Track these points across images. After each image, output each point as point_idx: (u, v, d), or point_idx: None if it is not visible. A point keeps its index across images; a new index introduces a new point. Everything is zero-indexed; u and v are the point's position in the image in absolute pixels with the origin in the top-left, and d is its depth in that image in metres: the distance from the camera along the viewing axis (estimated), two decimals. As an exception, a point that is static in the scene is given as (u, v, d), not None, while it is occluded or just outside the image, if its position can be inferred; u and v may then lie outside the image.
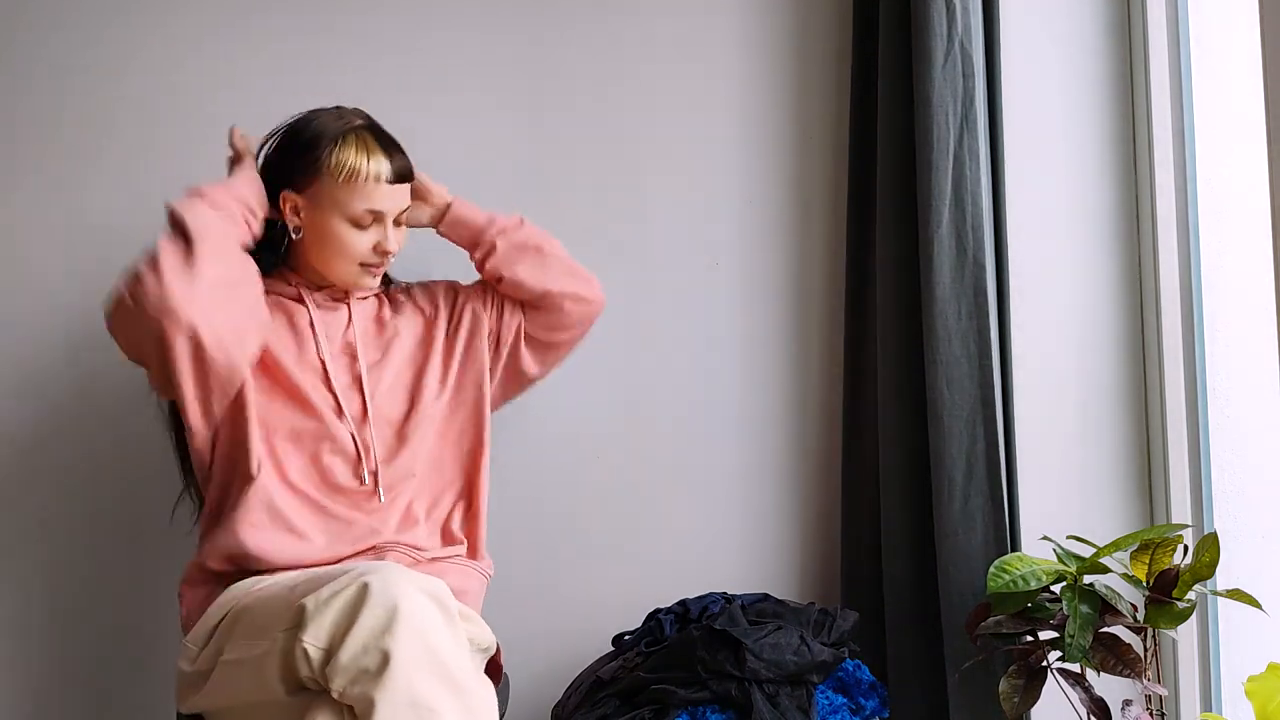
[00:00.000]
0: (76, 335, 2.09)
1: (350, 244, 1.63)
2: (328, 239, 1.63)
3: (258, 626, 1.41)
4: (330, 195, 1.61)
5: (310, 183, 1.62)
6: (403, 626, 1.30)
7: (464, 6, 2.13)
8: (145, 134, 2.10)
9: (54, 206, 2.09)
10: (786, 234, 2.10)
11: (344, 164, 1.60)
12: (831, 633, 1.71)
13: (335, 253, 1.63)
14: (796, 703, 1.61)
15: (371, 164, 1.61)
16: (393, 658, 1.28)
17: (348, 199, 1.61)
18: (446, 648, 1.33)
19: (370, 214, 1.62)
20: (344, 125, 1.63)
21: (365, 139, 1.63)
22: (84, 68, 2.11)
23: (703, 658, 1.61)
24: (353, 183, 1.60)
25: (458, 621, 1.38)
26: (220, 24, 2.12)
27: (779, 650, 1.62)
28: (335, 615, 1.32)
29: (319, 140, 1.62)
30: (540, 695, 1.86)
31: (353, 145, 1.61)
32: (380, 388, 1.67)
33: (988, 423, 1.78)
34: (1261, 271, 1.48)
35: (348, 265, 1.65)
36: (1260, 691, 1.30)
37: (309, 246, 1.65)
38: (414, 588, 1.34)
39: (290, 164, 1.64)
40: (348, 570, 1.38)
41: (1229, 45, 1.75)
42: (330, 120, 1.64)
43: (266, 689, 1.38)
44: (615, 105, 2.12)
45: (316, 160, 1.61)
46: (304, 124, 1.65)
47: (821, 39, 2.11)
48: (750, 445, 2.09)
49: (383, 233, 1.64)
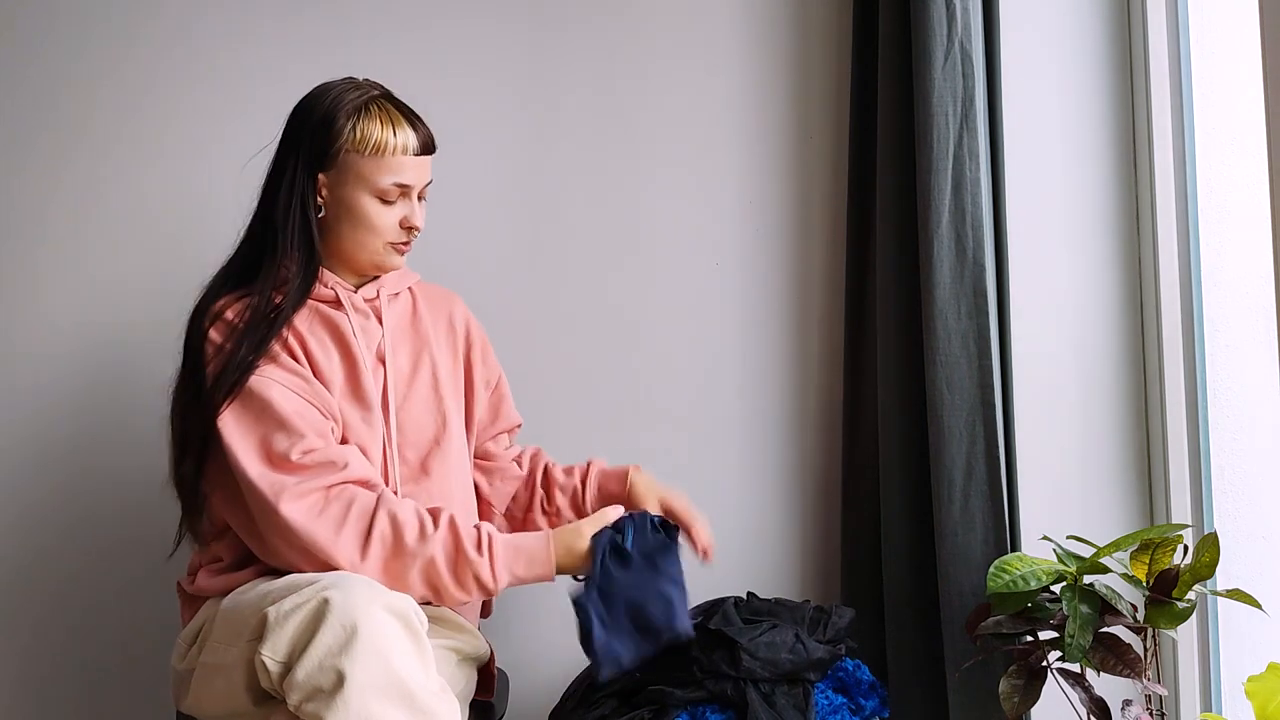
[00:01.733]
0: (78, 335, 2.09)
1: (378, 220, 1.57)
2: (355, 216, 1.56)
3: (231, 632, 1.40)
4: (356, 169, 1.54)
5: (332, 157, 1.55)
6: (360, 646, 1.27)
7: (463, 8, 2.13)
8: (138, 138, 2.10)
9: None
10: (786, 234, 2.11)
11: (370, 136, 1.54)
12: (827, 630, 1.70)
13: (364, 230, 1.57)
14: (793, 701, 1.60)
15: (399, 136, 1.56)
16: (347, 678, 1.26)
17: (374, 173, 1.55)
18: (408, 668, 1.29)
19: (398, 188, 1.57)
20: (364, 96, 1.57)
21: (388, 109, 1.57)
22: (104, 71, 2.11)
23: (698, 658, 1.61)
24: (380, 155, 1.54)
25: (424, 640, 1.34)
26: (211, 16, 2.12)
27: (774, 649, 1.62)
28: (294, 629, 1.29)
29: (338, 112, 1.54)
30: (540, 696, 1.86)
31: (376, 116, 1.55)
32: (409, 404, 1.62)
33: (988, 423, 1.78)
34: (1261, 272, 1.48)
35: (376, 243, 1.58)
36: (1260, 691, 1.30)
37: (334, 226, 1.58)
38: (378, 605, 1.30)
39: (309, 139, 1.55)
40: (315, 581, 1.34)
41: (1229, 45, 1.75)
42: (348, 91, 1.57)
43: (235, 697, 1.38)
44: (615, 105, 2.12)
45: (339, 132, 1.54)
46: (320, 96, 1.58)
47: (821, 39, 2.11)
48: (750, 445, 2.09)
49: (410, 207, 1.59)
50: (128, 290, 2.09)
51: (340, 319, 1.60)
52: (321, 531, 1.43)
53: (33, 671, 2.08)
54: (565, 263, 2.11)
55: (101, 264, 2.10)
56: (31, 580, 2.08)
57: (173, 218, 2.09)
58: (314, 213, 1.56)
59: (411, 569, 1.44)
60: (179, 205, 2.09)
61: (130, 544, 2.04)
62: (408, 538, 1.44)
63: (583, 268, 2.10)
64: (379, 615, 1.30)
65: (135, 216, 2.10)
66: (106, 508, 2.05)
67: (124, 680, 2.06)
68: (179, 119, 2.11)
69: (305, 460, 1.46)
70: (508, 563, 1.47)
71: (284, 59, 2.10)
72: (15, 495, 2.08)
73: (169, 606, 1.67)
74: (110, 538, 2.06)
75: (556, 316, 2.09)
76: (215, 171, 2.05)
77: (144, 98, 2.11)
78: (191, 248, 1.91)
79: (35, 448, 2.08)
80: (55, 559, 2.08)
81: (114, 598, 2.07)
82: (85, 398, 2.08)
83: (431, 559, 1.44)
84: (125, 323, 2.07)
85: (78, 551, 2.08)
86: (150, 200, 2.10)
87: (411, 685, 1.29)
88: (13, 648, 2.08)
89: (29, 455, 2.08)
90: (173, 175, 2.10)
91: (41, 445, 2.08)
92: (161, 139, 2.11)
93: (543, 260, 2.11)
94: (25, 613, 2.09)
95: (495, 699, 1.69)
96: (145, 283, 2.09)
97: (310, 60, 2.10)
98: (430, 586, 1.45)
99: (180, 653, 1.52)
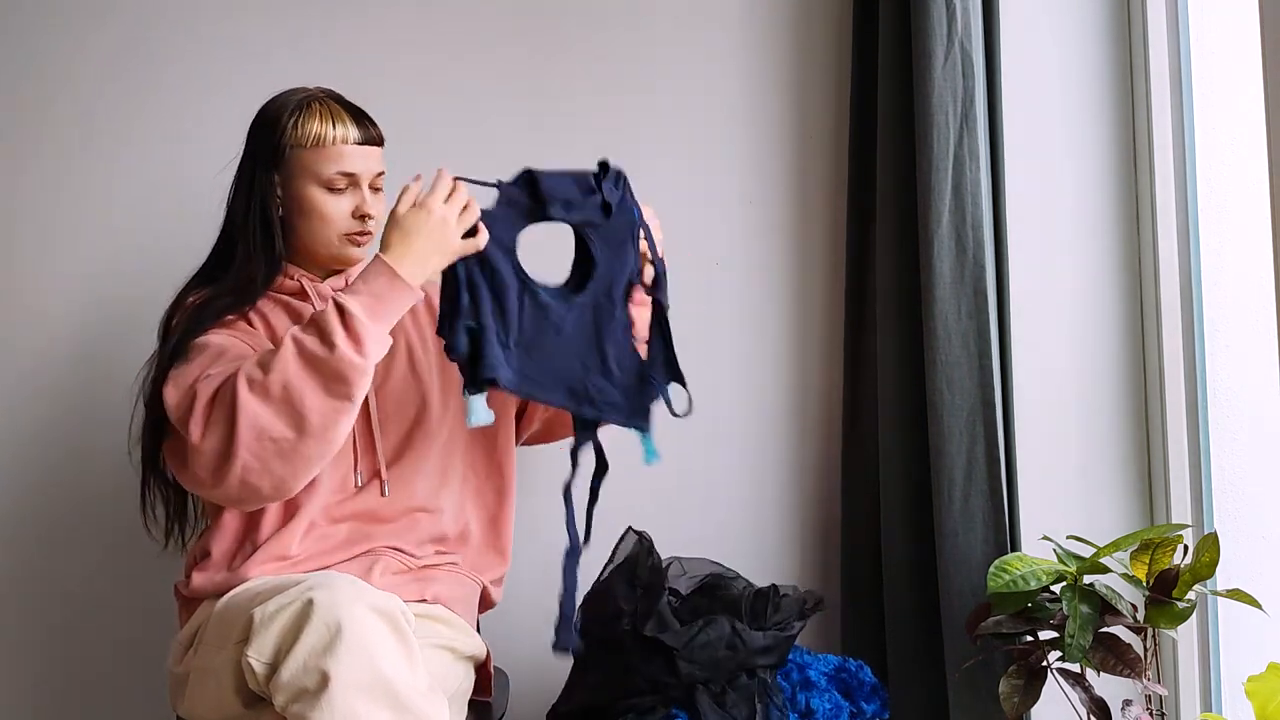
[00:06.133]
0: (79, 335, 2.09)
1: (328, 210, 1.61)
2: (306, 208, 1.61)
3: (221, 634, 1.40)
4: (300, 163, 1.61)
5: (280, 155, 1.61)
6: (344, 646, 1.27)
7: (462, 9, 2.13)
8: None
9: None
10: (786, 234, 2.10)
11: (309, 130, 1.60)
12: (770, 615, 1.67)
13: (317, 220, 1.62)
14: (746, 694, 1.58)
15: (338, 128, 1.61)
16: (332, 678, 1.26)
17: (317, 163, 1.60)
18: (393, 667, 1.29)
19: (343, 176, 1.61)
20: (306, 96, 1.64)
21: (328, 105, 1.63)
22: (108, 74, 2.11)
23: (640, 669, 1.59)
24: (321, 147, 1.60)
25: (410, 638, 1.34)
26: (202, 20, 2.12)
27: (710, 648, 1.59)
28: (279, 630, 1.29)
29: (281, 112, 1.62)
30: (540, 696, 1.86)
31: (317, 112, 1.62)
32: (388, 385, 1.65)
33: (988, 423, 1.78)
34: (1261, 271, 1.48)
35: (329, 233, 1.62)
36: (1260, 691, 1.31)
37: (291, 222, 1.63)
38: (363, 605, 1.30)
39: (261, 142, 1.63)
40: (300, 581, 1.35)
41: (1229, 45, 1.74)
42: (292, 93, 1.65)
43: (226, 700, 1.38)
44: (615, 105, 2.12)
45: (283, 131, 1.61)
46: (269, 103, 1.66)
47: (821, 39, 2.11)
48: (750, 445, 2.09)
49: (360, 196, 1.63)
50: (129, 291, 2.09)
51: (305, 309, 1.63)
52: (209, 443, 1.42)
53: (33, 672, 2.08)
54: (565, 262, 2.10)
55: (103, 265, 2.10)
56: (31, 581, 2.08)
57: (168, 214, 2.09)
58: (274, 212, 1.62)
59: (287, 418, 1.42)
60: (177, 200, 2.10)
61: (131, 544, 2.03)
62: (259, 387, 1.42)
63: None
64: (363, 614, 1.30)
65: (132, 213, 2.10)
66: (108, 507, 2.05)
67: (124, 683, 2.06)
68: (174, 122, 2.11)
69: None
70: (366, 326, 1.44)
71: (282, 60, 2.11)
72: (14, 495, 2.08)
73: (168, 609, 1.67)
74: (111, 538, 2.06)
75: (556, 316, 2.09)
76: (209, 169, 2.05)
77: (148, 97, 2.12)
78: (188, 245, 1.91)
79: (35, 447, 2.09)
80: (55, 559, 2.08)
81: (113, 600, 2.07)
82: (85, 398, 2.08)
83: (289, 392, 1.41)
84: (122, 319, 2.07)
85: (78, 552, 2.07)
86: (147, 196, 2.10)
87: (397, 684, 1.29)
88: (12, 648, 2.08)
89: (30, 455, 2.09)
90: (169, 170, 2.10)
91: (43, 444, 2.09)
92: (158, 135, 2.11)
93: (543, 260, 2.10)
94: (24, 613, 2.09)
95: (494, 698, 1.69)
96: (146, 283, 2.09)
97: (310, 61, 2.11)
98: (319, 408, 1.42)
99: (176, 656, 1.52)
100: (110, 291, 2.09)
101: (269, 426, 1.41)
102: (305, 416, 1.42)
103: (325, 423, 1.43)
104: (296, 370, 1.42)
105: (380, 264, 1.48)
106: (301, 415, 1.42)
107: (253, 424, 1.41)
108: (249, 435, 1.41)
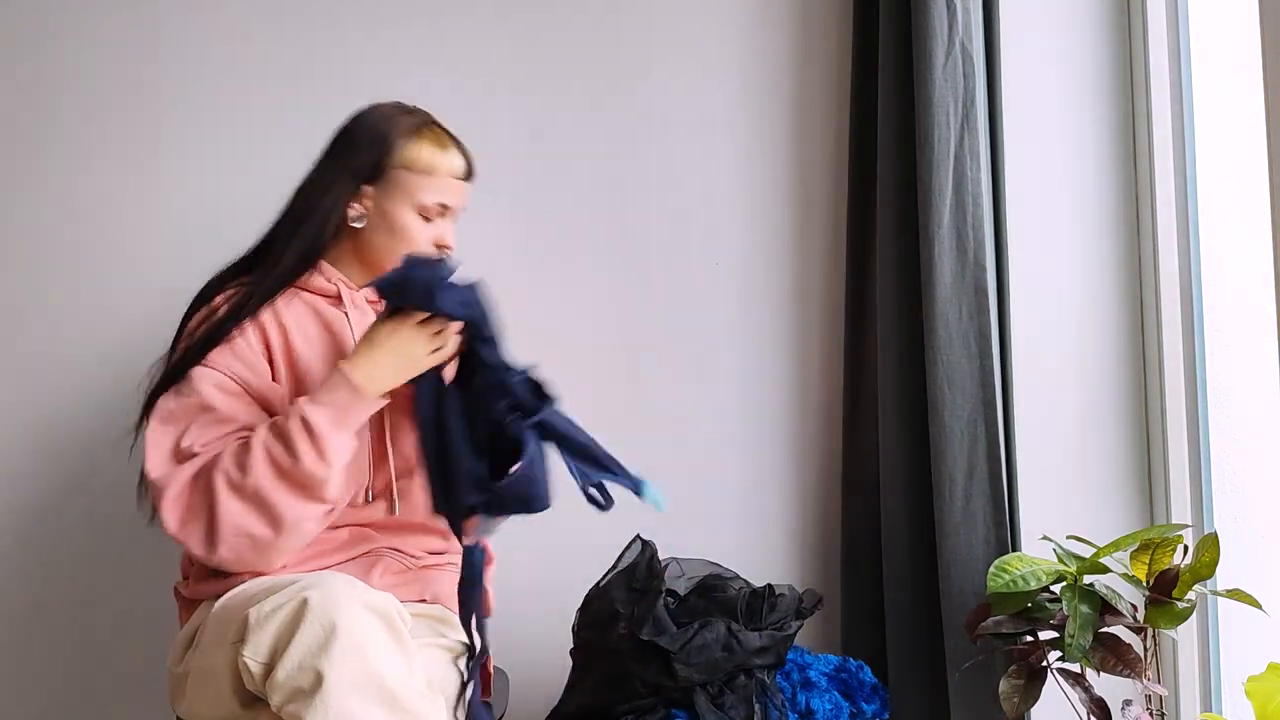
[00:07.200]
0: (79, 335, 2.09)
1: (416, 235, 1.62)
2: (395, 229, 1.62)
3: (218, 634, 1.40)
4: (402, 184, 1.61)
5: (381, 171, 1.61)
6: (339, 645, 1.26)
7: (462, 6, 2.13)
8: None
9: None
10: (786, 234, 2.10)
11: (423, 156, 1.61)
12: (766, 615, 1.67)
13: (401, 242, 1.62)
14: (744, 694, 1.58)
15: (448, 158, 1.63)
16: (326, 678, 1.25)
17: (421, 190, 1.61)
18: (388, 667, 1.29)
19: (440, 207, 1.63)
20: (417, 119, 1.65)
21: (439, 133, 1.65)
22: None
23: (638, 673, 1.60)
24: (430, 175, 1.62)
25: (406, 638, 1.34)
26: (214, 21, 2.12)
27: (706, 650, 1.59)
28: (274, 630, 1.29)
29: (392, 131, 1.62)
30: (541, 696, 1.86)
31: (429, 138, 1.63)
32: (399, 405, 1.62)
33: (988, 423, 1.78)
34: (1261, 271, 1.48)
35: None
36: (1260, 691, 1.31)
37: (371, 236, 1.63)
38: (358, 604, 1.30)
39: (362, 153, 1.62)
40: (296, 581, 1.35)
41: (1229, 45, 1.75)
42: (399, 112, 1.65)
43: (224, 701, 1.38)
44: (614, 105, 2.12)
45: (391, 149, 1.61)
46: (374, 115, 1.65)
47: (821, 39, 2.11)
48: (750, 445, 2.09)
49: (445, 227, 1.65)
50: (129, 290, 2.09)
51: (337, 316, 1.63)
52: (190, 536, 1.46)
53: (32, 674, 2.08)
54: (565, 262, 2.11)
55: (104, 263, 2.10)
56: (31, 582, 2.08)
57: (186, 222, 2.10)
58: (346, 219, 1.62)
59: (264, 523, 1.45)
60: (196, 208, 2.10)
61: (130, 545, 2.04)
62: (239, 480, 1.45)
63: (583, 267, 2.10)
64: (358, 614, 1.30)
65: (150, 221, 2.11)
66: (107, 509, 2.05)
67: (123, 683, 2.06)
68: (185, 124, 2.11)
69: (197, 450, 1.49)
70: (327, 437, 1.46)
71: (295, 62, 2.11)
72: (18, 496, 2.08)
73: (168, 609, 1.67)
74: (110, 538, 2.06)
75: (557, 315, 2.09)
76: (229, 175, 2.05)
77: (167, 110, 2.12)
78: (201, 253, 1.91)
79: (36, 448, 2.09)
80: (54, 560, 2.08)
81: (113, 600, 2.07)
82: (88, 398, 2.08)
83: (262, 496, 1.44)
84: (132, 322, 2.07)
85: (77, 553, 2.08)
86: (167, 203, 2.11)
87: (392, 684, 1.29)
88: (11, 649, 2.08)
89: (29, 455, 2.09)
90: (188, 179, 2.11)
91: (41, 446, 2.09)
92: (175, 142, 2.11)
93: (542, 259, 2.11)
94: (24, 614, 2.09)
95: (494, 699, 1.69)
96: (146, 283, 2.09)
97: (311, 62, 2.11)
98: (293, 510, 1.46)
99: (176, 656, 1.52)
100: (120, 293, 2.10)
101: (247, 525, 1.46)
102: (281, 517, 1.46)
103: (299, 520, 1.48)
104: (267, 477, 1.46)
105: (341, 376, 1.50)
106: (278, 516, 1.46)
107: (231, 522, 1.46)
108: (228, 531, 1.46)
